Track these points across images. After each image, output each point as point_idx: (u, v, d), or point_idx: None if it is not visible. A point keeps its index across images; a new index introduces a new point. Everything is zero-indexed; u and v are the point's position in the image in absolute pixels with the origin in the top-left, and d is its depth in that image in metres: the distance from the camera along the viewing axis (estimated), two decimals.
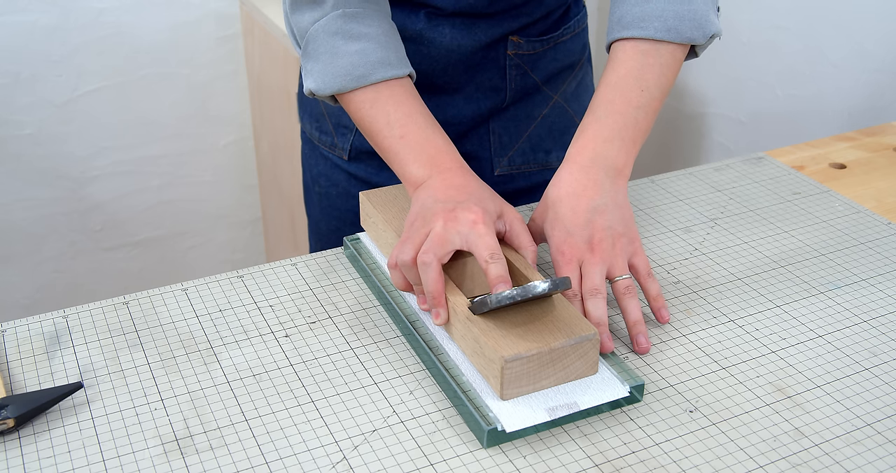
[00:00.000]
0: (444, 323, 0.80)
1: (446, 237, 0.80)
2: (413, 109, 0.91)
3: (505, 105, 1.11)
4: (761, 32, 1.73)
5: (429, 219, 0.82)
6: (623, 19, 0.91)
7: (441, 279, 0.79)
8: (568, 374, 0.75)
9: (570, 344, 0.74)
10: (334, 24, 0.91)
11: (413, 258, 0.80)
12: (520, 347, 0.73)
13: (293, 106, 1.79)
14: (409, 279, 0.83)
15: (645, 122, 0.90)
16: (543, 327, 0.75)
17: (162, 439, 0.73)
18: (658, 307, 0.87)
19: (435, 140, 0.90)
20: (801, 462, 0.71)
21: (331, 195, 1.18)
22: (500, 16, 1.05)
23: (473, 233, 0.79)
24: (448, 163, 0.88)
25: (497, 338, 0.74)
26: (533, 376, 0.74)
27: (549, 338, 0.74)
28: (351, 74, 0.90)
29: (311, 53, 0.93)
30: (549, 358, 0.74)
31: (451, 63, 1.06)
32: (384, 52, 0.91)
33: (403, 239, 0.82)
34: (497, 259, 0.78)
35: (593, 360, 0.76)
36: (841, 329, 0.87)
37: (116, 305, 0.89)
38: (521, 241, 0.85)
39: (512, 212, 0.86)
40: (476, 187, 0.86)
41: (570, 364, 0.75)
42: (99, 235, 2.11)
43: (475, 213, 0.81)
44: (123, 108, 2.00)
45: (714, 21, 0.91)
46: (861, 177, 1.15)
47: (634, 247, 0.87)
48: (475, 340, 0.76)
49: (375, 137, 0.91)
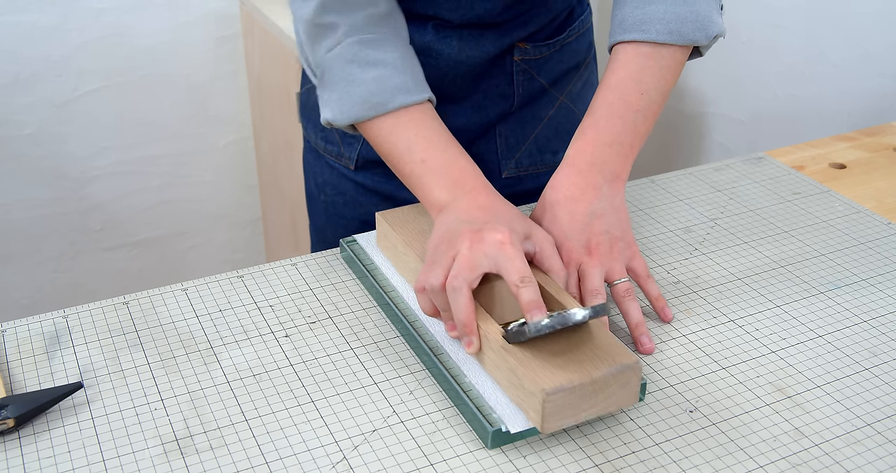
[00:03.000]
0: (475, 351, 0.77)
1: (474, 260, 0.76)
2: (434, 133, 0.89)
3: (512, 110, 1.11)
4: (761, 32, 1.73)
5: (454, 241, 0.79)
6: (625, 22, 0.90)
7: (472, 305, 0.76)
8: (609, 404, 0.72)
9: (612, 374, 0.70)
10: (349, 52, 0.89)
11: (442, 283, 0.77)
12: (560, 378, 0.69)
13: (293, 106, 1.79)
14: (437, 304, 0.79)
15: (644, 127, 0.89)
16: (583, 356, 0.72)
17: (162, 439, 0.73)
18: (661, 306, 0.87)
19: (458, 162, 0.87)
20: (801, 462, 0.71)
21: (337, 203, 1.17)
22: (508, 25, 1.04)
23: (502, 256, 0.76)
24: (472, 184, 0.86)
25: (536, 369, 0.70)
26: (574, 407, 0.70)
27: (591, 368, 0.70)
28: (368, 102, 0.88)
29: (327, 83, 0.91)
30: (591, 388, 0.70)
31: (460, 74, 1.05)
32: (402, 77, 0.89)
33: (429, 263, 0.79)
34: (529, 283, 0.74)
35: (635, 389, 0.73)
36: (841, 329, 0.87)
37: (116, 305, 0.89)
38: (551, 264, 0.81)
39: (541, 233, 0.82)
40: (502, 207, 0.83)
41: (612, 393, 0.71)
42: (99, 235, 2.11)
43: (502, 234, 0.77)
44: (123, 108, 2.00)
45: (717, 21, 0.91)
46: (861, 177, 1.15)
47: (632, 251, 0.87)
48: (512, 371, 0.72)
49: (397, 163, 0.89)
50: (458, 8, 1.00)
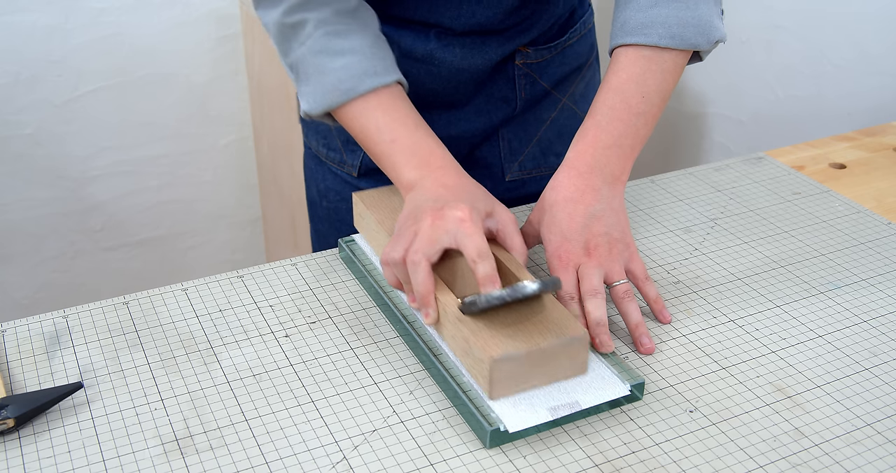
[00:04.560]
0: (433, 322, 0.80)
1: (434, 236, 0.79)
2: (402, 114, 0.91)
3: (515, 113, 1.11)
4: (761, 32, 1.73)
5: (418, 217, 0.82)
6: (626, 25, 0.90)
7: (430, 278, 0.79)
8: (557, 374, 0.75)
9: (560, 345, 0.74)
10: (318, 44, 0.92)
11: (403, 257, 0.80)
12: (509, 347, 0.73)
13: (293, 106, 1.79)
14: (399, 277, 0.83)
15: (644, 130, 0.90)
16: (533, 327, 0.75)
17: (162, 439, 0.73)
18: (659, 308, 0.87)
19: (425, 141, 0.90)
20: (801, 462, 0.71)
21: (340, 210, 1.17)
22: (510, 32, 1.04)
23: (461, 232, 0.79)
24: (439, 163, 0.88)
25: (486, 338, 0.74)
26: (522, 376, 0.74)
27: (539, 339, 0.74)
28: (338, 89, 0.90)
29: (302, 76, 0.94)
30: (538, 358, 0.73)
31: (463, 81, 1.06)
32: (369, 62, 0.91)
33: (394, 238, 0.83)
34: (485, 258, 0.77)
35: (582, 360, 0.76)
36: (841, 329, 0.87)
37: (116, 305, 0.89)
38: (512, 242, 0.84)
39: (504, 212, 0.85)
40: (467, 186, 0.86)
41: (559, 364, 0.75)
42: (99, 235, 2.11)
43: (463, 211, 0.80)
44: (123, 108, 2.00)
45: (718, 26, 0.91)
46: (861, 177, 1.15)
47: (630, 253, 0.87)
48: (465, 340, 0.76)
49: (368, 144, 0.92)
50: (460, 16, 1.00)
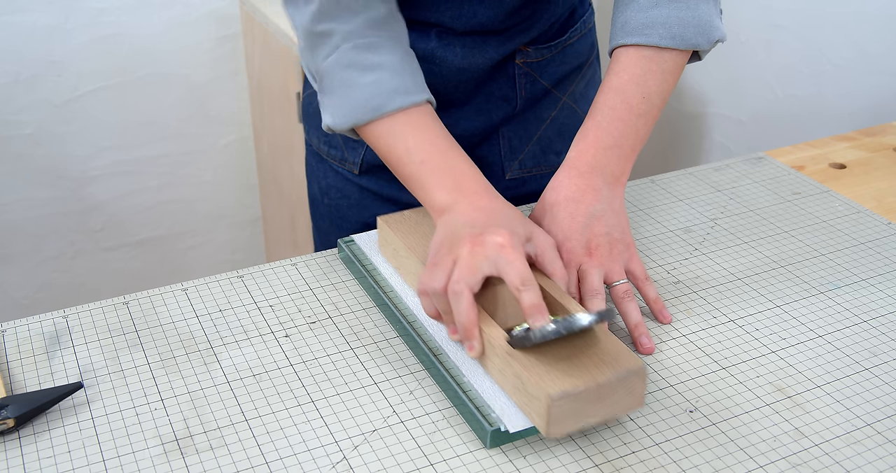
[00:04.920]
0: (478, 355, 0.76)
1: (474, 263, 0.76)
2: (433, 134, 0.88)
3: (515, 112, 1.11)
4: (761, 32, 1.73)
5: (455, 244, 0.78)
6: (627, 25, 0.90)
7: (474, 310, 0.75)
8: (614, 409, 0.71)
9: (618, 379, 0.70)
10: (347, 57, 0.89)
11: (444, 286, 0.77)
12: (566, 383, 0.69)
13: (293, 106, 1.79)
14: (439, 308, 0.79)
15: (644, 130, 0.90)
16: (589, 361, 0.71)
17: (162, 439, 0.73)
18: (658, 308, 0.87)
19: (458, 163, 0.87)
20: (801, 462, 0.71)
21: (341, 207, 1.17)
22: (511, 31, 1.04)
23: (502, 259, 0.76)
24: (473, 187, 0.85)
25: (541, 374, 0.70)
26: (579, 412, 0.70)
27: (596, 373, 0.70)
28: (366, 106, 0.88)
29: (327, 88, 0.91)
30: (596, 394, 0.69)
31: (463, 80, 1.05)
32: (399, 79, 0.88)
33: (431, 266, 0.79)
34: (530, 286, 0.74)
35: (640, 393, 0.72)
36: (841, 329, 0.87)
37: (116, 305, 0.89)
38: (552, 267, 0.81)
39: (542, 236, 0.82)
40: (503, 210, 0.82)
41: (617, 399, 0.71)
42: (99, 235, 2.11)
43: (503, 237, 0.77)
44: (123, 108, 2.00)
45: (718, 26, 0.91)
46: (861, 177, 1.15)
47: (630, 253, 0.87)
48: (516, 376, 0.72)
49: (396, 165, 0.89)
50: (461, 16, 1.00)
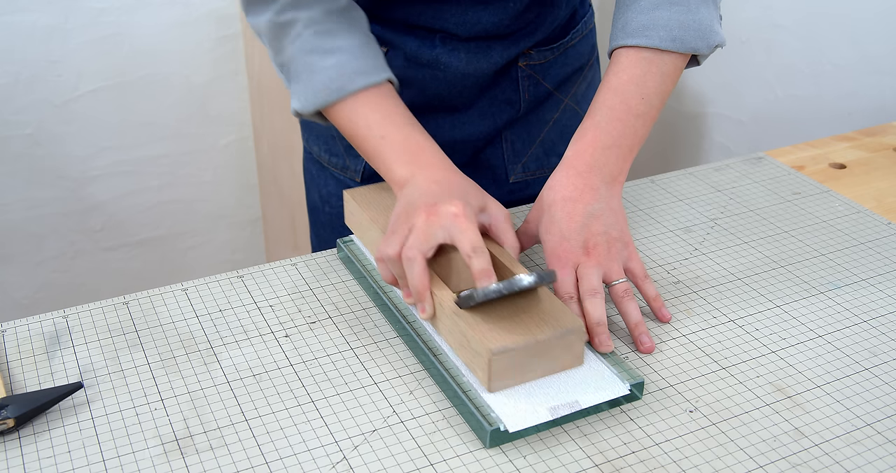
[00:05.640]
0: (429, 317, 0.81)
1: (429, 231, 0.80)
2: (392, 111, 0.91)
3: (519, 115, 1.11)
4: (761, 32, 1.73)
5: (411, 213, 0.82)
6: (627, 27, 0.91)
7: (425, 274, 0.79)
8: (554, 366, 0.76)
9: (557, 336, 0.75)
10: (308, 43, 0.92)
11: (398, 252, 0.81)
12: (507, 339, 0.74)
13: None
14: (394, 273, 0.83)
15: (643, 131, 0.90)
16: (530, 319, 0.76)
17: (162, 439, 0.73)
18: (658, 307, 0.87)
19: (415, 138, 0.90)
20: (801, 462, 0.71)
21: (343, 215, 1.17)
22: (515, 36, 1.04)
23: (455, 227, 0.80)
24: (430, 160, 0.89)
25: (484, 331, 0.74)
26: (520, 368, 0.75)
27: (536, 331, 0.75)
28: (329, 88, 0.91)
29: (293, 75, 0.94)
30: (535, 349, 0.74)
31: (468, 86, 1.06)
32: (359, 61, 0.91)
33: (388, 234, 0.83)
34: (481, 252, 0.78)
35: (578, 352, 0.77)
36: (841, 329, 0.87)
37: (116, 305, 0.90)
38: (505, 236, 0.85)
39: (496, 207, 0.86)
40: (459, 181, 0.86)
41: (556, 356, 0.76)
42: (99, 235, 2.11)
43: (457, 207, 0.81)
44: (123, 108, 2.00)
45: (718, 31, 0.91)
46: (861, 177, 1.15)
47: (629, 252, 0.87)
48: (462, 334, 0.76)
49: (359, 142, 0.92)
50: (465, 22, 1.00)
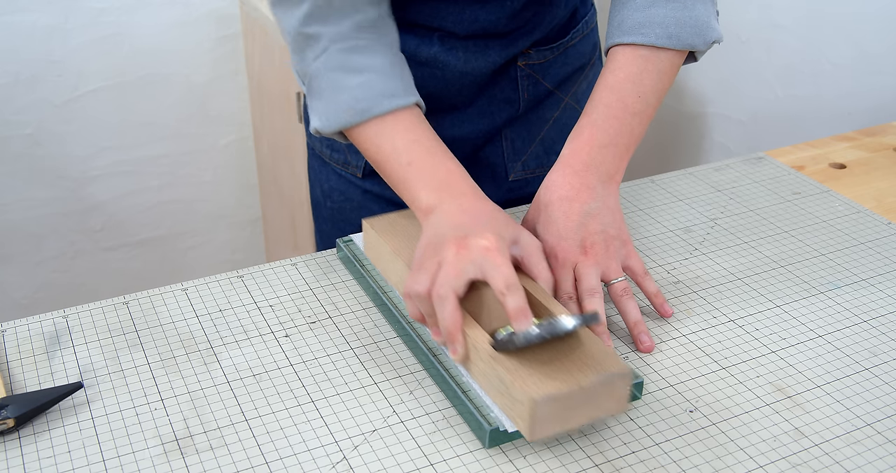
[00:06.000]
0: (461, 360, 0.76)
1: (460, 267, 0.75)
2: (420, 136, 0.87)
3: (518, 114, 1.11)
4: (761, 32, 1.73)
5: (440, 247, 0.78)
6: (623, 24, 0.90)
7: (458, 314, 0.75)
8: (598, 412, 0.72)
9: (601, 382, 0.70)
10: (335, 59, 0.88)
11: (427, 289, 0.76)
12: (549, 387, 0.68)
13: (293, 106, 1.79)
14: (423, 311, 0.78)
15: (640, 129, 0.90)
16: (572, 364, 0.71)
17: (162, 439, 0.73)
18: (660, 303, 0.87)
19: (444, 164, 0.86)
20: (801, 462, 0.71)
21: (345, 209, 1.16)
22: (513, 35, 1.04)
23: (488, 262, 0.75)
24: (460, 188, 0.84)
25: (524, 378, 0.69)
26: (563, 415, 0.70)
27: (579, 376, 0.70)
28: (354, 108, 0.87)
29: (315, 91, 0.90)
30: (579, 397, 0.69)
31: (466, 84, 1.05)
32: (388, 82, 0.88)
33: (415, 269, 0.79)
34: (515, 290, 0.73)
35: (623, 397, 0.72)
36: (841, 329, 0.87)
37: (116, 305, 0.90)
38: (538, 270, 0.80)
39: (528, 239, 0.81)
40: (490, 212, 0.82)
41: (601, 402, 0.71)
42: (99, 235, 2.11)
43: (488, 240, 0.76)
44: (123, 108, 2.00)
45: (715, 27, 0.91)
46: (861, 177, 1.15)
47: (627, 250, 0.87)
48: (500, 380, 0.71)
49: (383, 167, 0.88)
50: (463, 20, 1.00)
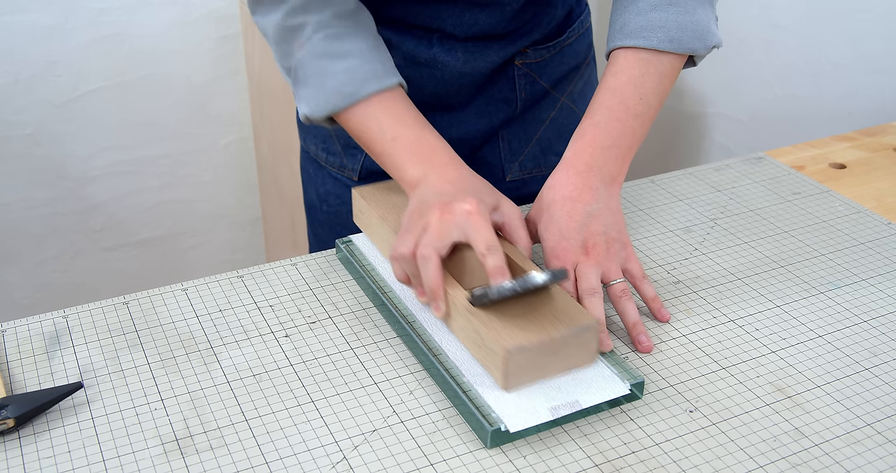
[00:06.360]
0: (443, 315, 0.81)
1: (443, 230, 0.80)
2: (403, 113, 0.91)
3: (515, 114, 1.11)
4: (761, 31, 1.73)
5: (425, 212, 0.82)
6: (625, 28, 0.91)
7: (440, 272, 0.79)
8: (569, 364, 0.76)
9: (572, 333, 0.75)
10: (319, 47, 0.92)
11: (412, 251, 0.81)
12: (522, 338, 0.73)
13: (293, 106, 1.79)
14: (408, 272, 0.83)
15: (641, 131, 0.90)
16: (543, 317, 0.76)
17: (162, 439, 0.73)
18: (657, 307, 0.87)
19: (427, 138, 0.90)
20: (801, 462, 0.71)
21: (341, 213, 1.17)
22: (512, 35, 1.04)
23: (470, 225, 0.80)
24: (442, 159, 0.89)
25: (499, 330, 0.74)
26: (535, 366, 0.74)
27: (550, 328, 0.75)
28: (341, 92, 0.90)
29: (301, 79, 0.93)
30: (550, 347, 0.74)
31: (464, 84, 1.06)
32: (371, 65, 0.91)
33: (402, 233, 0.83)
34: (495, 251, 0.78)
35: (593, 349, 0.77)
36: (841, 329, 0.87)
37: (116, 305, 0.90)
38: (517, 235, 0.85)
39: (509, 205, 0.86)
40: (471, 180, 0.86)
41: (571, 353, 0.76)
42: (99, 235, 2.11)
43: (471, 205, 0.81)
44: (123, 108, 2.00)
45: (715, 32, 0.92)
46: (861, 177, 1.15)
47: (627, 253, 0.87)
48: (476, 332, 0.76)
49: (370, 145, 0.92)
50: (462, 23, 1.01)
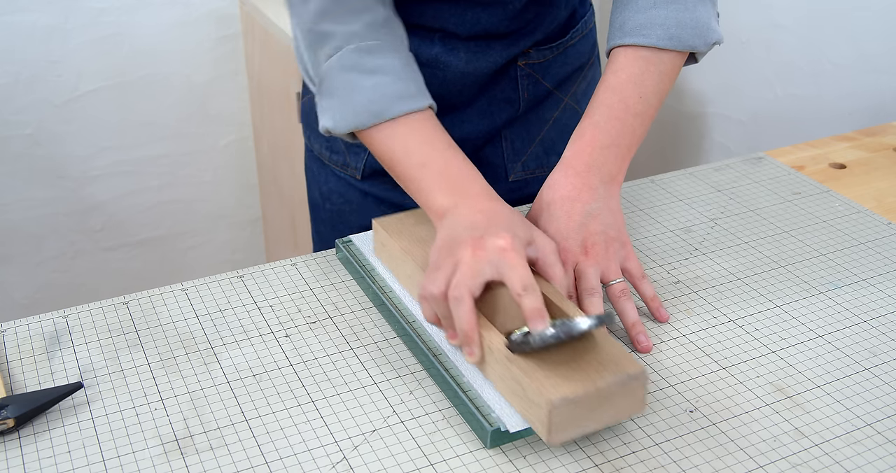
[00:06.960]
0: (477, 361, 0.76)
1: (476, 267, 0.75)
2: (434, 138, 0.87)
3: (518, 114, 1.11)
4: (761, 32, 1.73)
5: (456, 247, 0.77)
6: (625, 26, 0.91)
7: (474, 315, 0.74)
8: (615, 414, 0.71)
9: (619, 382, 0.69)
10: (349, 59, 0.87)
11: (443, 291, 0.76)
12: (566, 389, 0.68)
13: (293, 106, 1.79)
14: (438, 313, 0.78)
15: (641, 130, 0.90)
16: (588, 366, 0.70)
17: (162, 439, 0.73)
18: (656, 307, 0.87)
19: (457, 165, 0.85)
20: (801, 462, 0.71)
21: (344, 212, 1.16)
22: (515, 35, 1.04)
23: (504, 263, 0.74)
24: (473, 189, 0.84)
25: (541, 380, 0.69)
26: (580, 417, 0.69)
27: (596, 377, 0.69)
28: (368, 110, 0.87)
29: (326, 91, 0.89)
30: (597, 398, 0.69)
31: (467, 85, 1.05)
32: (402, 84, 0.87)
33: (431, 270, 0.78)
34: (532, 291, 0.73)
35: (640, 398, 0.71)
36: (841, 329, 0.87)
37: (116, 305, 0.90)
38: (553, 272, 0.80)
39: (543, 240, 0.81)
40: (504, 212, 0.81)
41: (618, 403, 0.70)
42: (99, 235, 2.11)
43: (505, 240, 0.76)
44: (123, 108, 2.00)
45: (715, 28, 0.91)
46: (861, 177, 1.15)
47: (626, 252, 0.87)
48: (516, 381, 0.71)
49: (396, 169, 0.88)
50: (465, 22, 1.00)
